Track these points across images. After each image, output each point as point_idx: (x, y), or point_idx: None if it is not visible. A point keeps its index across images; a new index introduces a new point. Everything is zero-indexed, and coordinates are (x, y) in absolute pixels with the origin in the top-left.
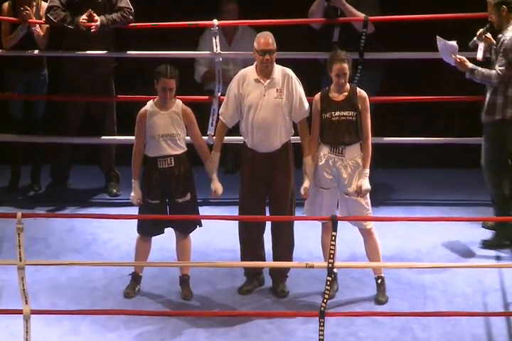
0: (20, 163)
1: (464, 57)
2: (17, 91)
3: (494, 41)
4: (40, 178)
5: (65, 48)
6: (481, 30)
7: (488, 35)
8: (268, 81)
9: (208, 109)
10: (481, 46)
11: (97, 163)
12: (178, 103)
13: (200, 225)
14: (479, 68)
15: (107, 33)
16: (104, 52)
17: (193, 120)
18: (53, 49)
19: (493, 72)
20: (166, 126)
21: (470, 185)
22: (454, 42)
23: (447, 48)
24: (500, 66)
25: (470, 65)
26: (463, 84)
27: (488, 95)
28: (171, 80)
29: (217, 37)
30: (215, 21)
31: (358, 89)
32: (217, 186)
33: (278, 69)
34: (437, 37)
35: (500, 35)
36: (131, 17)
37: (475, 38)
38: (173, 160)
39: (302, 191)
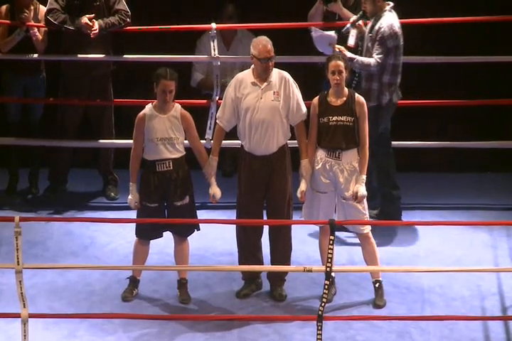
0: (18, 165)
1: (342, 47)
2: (15, 95)
3: (365, 29)
4: (38, 182)
5: (64, 52)
6: (354, 17)
7: (360, 22)
8: (265, 84)
9: (205, 113)
10: (353, 33)
11: (96, 166)
12: (177, 107)
13: (199, 229)
14: (358, 57)
15: (105, 36)
16: (102, 55)
17: (192, 124)
18: (51, 52)
19: (372, 60)
20: (165, 129)
21: (468, 188)
22: (332, 33)
23: (324, 39)
24: (378, 54)
25: (349, 54)
26: (460, 88)
27: (363, 82)
28: (171, 82)
29: (215, 40)
30: (213, 25)
31: (357, 94)
32: (215, 190)
33: (275, 72)
34: (312, 28)
35: (373, 23)
36: (128, 20)
37: (348, 25)
38: (171, 163)
39: (299, 194)
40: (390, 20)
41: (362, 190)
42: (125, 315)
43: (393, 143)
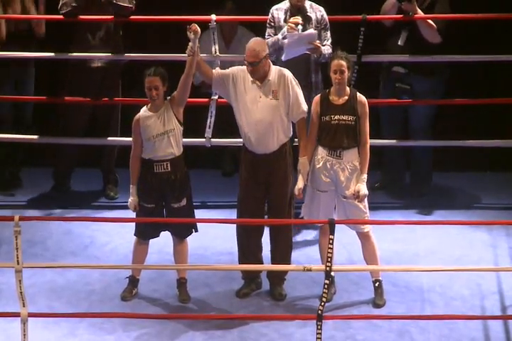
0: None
1: (319, 43)
2: (5, 87)
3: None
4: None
5: (73, 50)
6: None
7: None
8: (263, 83)
9: (205, 112)
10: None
11: (96, 165)
12: (167, 100)
13: (196, 230)
14: (323, 49)
15: (115, 34)
16: (109, 54)
17: (174, 95)
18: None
19: (328, 47)
20: (159, 125)
21: (468, 188)
22: (311, 30)
23: (302, 39)
24: (328, 40)
25: (323, 48)
26: (460, 87)
27: (312, 76)
28: (154, 78)
29: (215, 33)
30: (213, 16)
31: (358, 93)
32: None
33: (274, 71)
34: (288, 34)
35: (305, 15)
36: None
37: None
38: (169, 164)
39: (296, 191)
40: (317, 5)
41: (363, 189)
42: (125, 314)
43: (394, 142)
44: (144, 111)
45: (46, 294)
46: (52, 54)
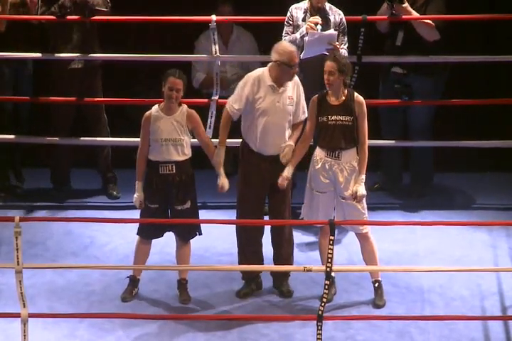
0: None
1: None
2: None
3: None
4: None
5: (52, 48)
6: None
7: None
8: (282, 88)
9: (206, 112)
10: None
11: (94, 165)
12: (184, 107)
13: (200, 233)
14: (342, 51)
15: (91, 31)
16: (107, 55)
17: (198, 122)
18: (42, 47)
19: (345, 52)
20: (170, 130)
21: (468, 188)
22: (331, 30)
23: (323, 39)
24: (345, 44)
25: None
26: (460, 87)
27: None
28: (179, 81)
29: (215, 33)
30: (213, 17)
31: (356, 94)
32: (224, 181)
33: None
34: (310, 32)
35: (324, 16)
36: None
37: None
38: (174, 166)
39: (280, 180)
40: (337, 8)
41: (361, 190)
42: (125, 314)
43: (393, 142)
44: (156, 110)
45: (46, 294)
46: (39, 54)
